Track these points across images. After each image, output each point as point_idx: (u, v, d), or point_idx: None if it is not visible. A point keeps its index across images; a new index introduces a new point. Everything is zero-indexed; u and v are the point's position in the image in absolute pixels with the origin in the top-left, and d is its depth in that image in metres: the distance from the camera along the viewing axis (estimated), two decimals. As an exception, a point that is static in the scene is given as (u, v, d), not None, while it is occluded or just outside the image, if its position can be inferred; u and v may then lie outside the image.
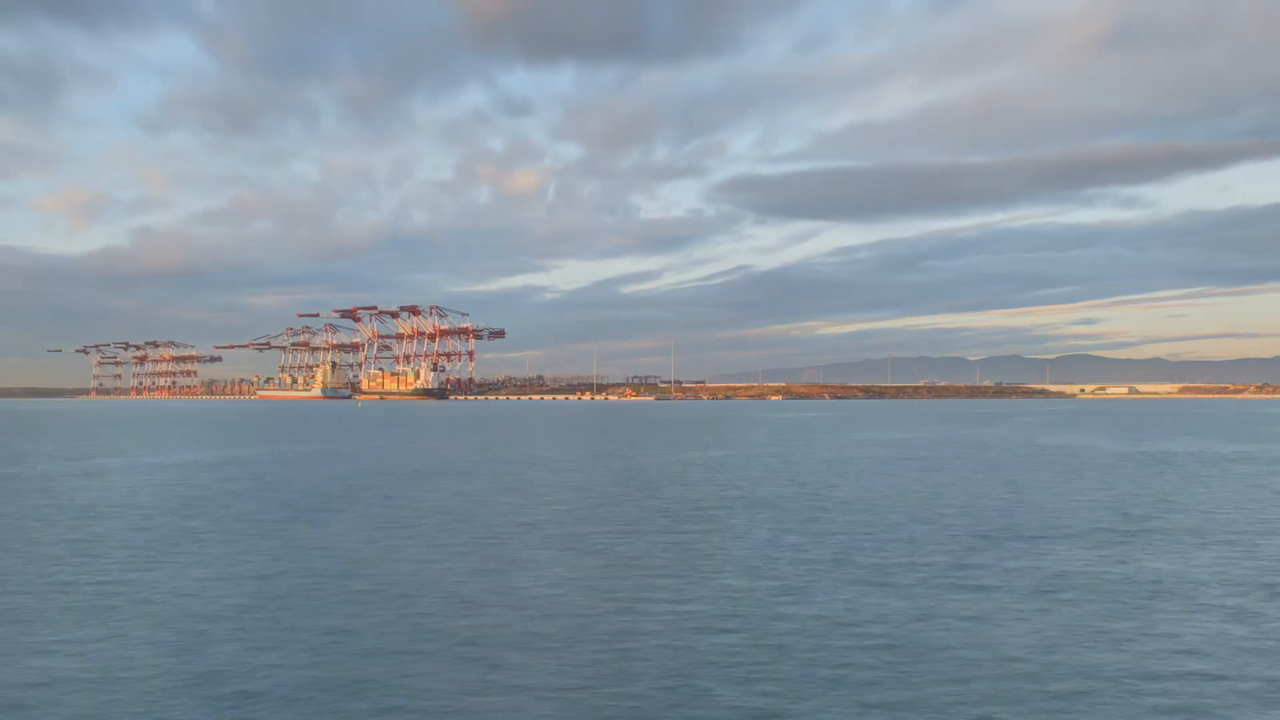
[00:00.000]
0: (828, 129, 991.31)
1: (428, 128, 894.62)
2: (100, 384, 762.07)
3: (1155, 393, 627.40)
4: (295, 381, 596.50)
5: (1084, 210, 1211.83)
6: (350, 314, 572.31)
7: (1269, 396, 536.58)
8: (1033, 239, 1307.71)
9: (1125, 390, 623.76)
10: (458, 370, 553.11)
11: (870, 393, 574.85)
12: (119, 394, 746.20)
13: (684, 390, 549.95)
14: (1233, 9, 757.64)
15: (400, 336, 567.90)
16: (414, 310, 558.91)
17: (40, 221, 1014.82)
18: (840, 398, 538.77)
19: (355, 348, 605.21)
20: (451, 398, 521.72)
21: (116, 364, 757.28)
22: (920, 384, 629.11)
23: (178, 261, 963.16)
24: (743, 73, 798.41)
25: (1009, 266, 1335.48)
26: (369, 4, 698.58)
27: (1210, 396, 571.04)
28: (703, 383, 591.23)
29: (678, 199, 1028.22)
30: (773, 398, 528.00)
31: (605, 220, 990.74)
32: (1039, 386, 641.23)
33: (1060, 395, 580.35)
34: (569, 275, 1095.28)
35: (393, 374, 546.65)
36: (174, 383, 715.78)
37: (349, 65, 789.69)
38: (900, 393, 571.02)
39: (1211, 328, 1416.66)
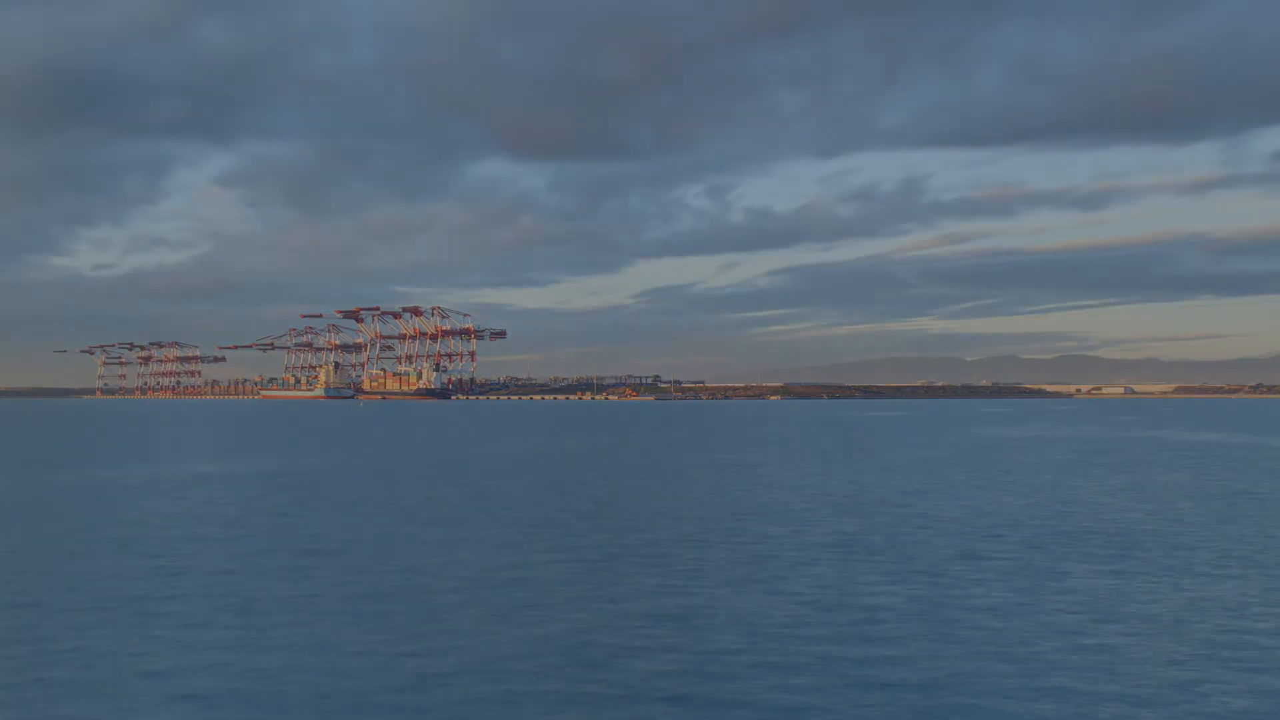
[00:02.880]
0: (757, 191, 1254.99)
1: (453, 191, 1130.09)
2: (105, 384, 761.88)
3: (1150, 393, 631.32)
4: (298, 382, 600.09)
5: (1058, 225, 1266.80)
6: (353, 314, 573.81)
7: (1264, 396, 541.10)
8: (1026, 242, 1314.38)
9: (1121, 390, 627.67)
10: (460, 370, 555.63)
11: (868, 392, 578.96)
12: (123, 394, 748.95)
13: (684, 390, 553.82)
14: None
15: (402, 337, 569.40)
16: (416, 311, 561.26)
17: (93, 251, 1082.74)
18: (837, 397, 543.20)
19: (358, 348, 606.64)
20: (454, 398, 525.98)
21: (121, 364, 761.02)
22: (919, 384, 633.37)
23: (210, 280, 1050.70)
24: (686, 160, 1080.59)
25: (1001, 267, 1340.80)
26: (419, 125, 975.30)
27: (1206, 396, 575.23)
28: (702, 383, 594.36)
29: (652, 235, 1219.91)
30: (771, 397, 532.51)
31: (595, 246, 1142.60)
32: (1035, 387, 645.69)
33: (1057, 395, 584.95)
34: (566, 287, 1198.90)
35: (395, 374, 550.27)
36: (178, 383, 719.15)
37: (399, 158, 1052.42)
38: (899, 393, 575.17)
39: (1205, 328, 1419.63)
